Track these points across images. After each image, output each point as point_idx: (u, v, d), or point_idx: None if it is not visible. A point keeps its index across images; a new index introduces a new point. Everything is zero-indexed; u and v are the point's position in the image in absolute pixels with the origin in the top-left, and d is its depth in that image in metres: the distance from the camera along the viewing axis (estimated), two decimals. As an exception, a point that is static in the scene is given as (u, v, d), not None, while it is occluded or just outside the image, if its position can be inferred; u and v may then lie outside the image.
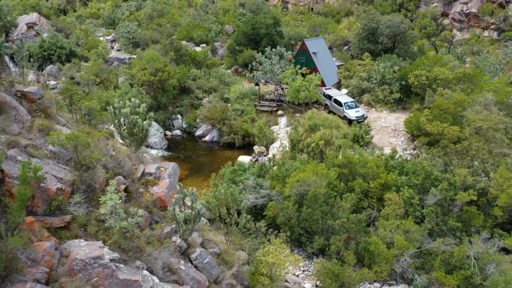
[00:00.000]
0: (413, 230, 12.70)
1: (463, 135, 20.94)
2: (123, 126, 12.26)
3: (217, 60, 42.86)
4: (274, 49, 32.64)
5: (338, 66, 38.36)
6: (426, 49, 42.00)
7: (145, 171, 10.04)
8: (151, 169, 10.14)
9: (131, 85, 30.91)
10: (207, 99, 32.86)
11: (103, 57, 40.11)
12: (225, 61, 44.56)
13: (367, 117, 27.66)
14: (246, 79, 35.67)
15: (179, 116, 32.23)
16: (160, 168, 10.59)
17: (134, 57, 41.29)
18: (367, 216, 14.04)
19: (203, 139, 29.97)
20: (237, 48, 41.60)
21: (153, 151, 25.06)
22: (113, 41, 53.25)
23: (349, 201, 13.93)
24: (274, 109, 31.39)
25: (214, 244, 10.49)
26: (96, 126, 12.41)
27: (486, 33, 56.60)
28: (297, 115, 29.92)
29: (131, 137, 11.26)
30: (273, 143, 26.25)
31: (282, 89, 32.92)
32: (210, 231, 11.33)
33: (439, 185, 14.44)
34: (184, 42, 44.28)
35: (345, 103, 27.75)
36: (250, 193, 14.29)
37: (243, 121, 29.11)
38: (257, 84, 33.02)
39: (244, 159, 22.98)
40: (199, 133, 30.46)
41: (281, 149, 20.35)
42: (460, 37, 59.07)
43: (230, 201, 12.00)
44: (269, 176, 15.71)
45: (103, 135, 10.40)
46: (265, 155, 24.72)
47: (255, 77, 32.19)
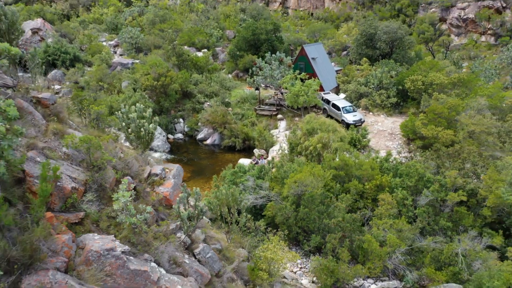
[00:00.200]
0: (405, 229, 13.35)
1: (457, 139, 21.60)
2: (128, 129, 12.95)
3: (218, 65, 43.66)
4: (274, 55, 33.42)
5: (336, 71, 39.10)
6: (423, 54, 42.76)
7: (151, 172, 10.72)
8: (157, 170, 10.82)
9: (135, 90, 31.68)
10: (208, 103, 33.60)
11: (106, 62, 40.93)
12: (226, 66, 45.35)
13: (364, 121, 28.34)
14: (246, 83, 36.45)
15: (181, 120, 32.98)
16: (165, 169, 11.27)
17: (137, 62, 42.10)
18: (362, 216, 14.70)
19: (205, 143, 30.69)
20: (237, 53, 42.41)
21: (156, 154, 25.76)
22: (116, 46, 54.13)
23: (344, 201, 14.59)
24: (273, 113, 32.12)
25: (215, 240, 11.16)
26: (103, 129, 13.14)
27: (483, 38, 57.41)
28: (296, 119, 30.63)
29: (137, 140, 11.95)
30: (272, 146, 26.93)
31: (281, 93, 33.67)
32: (212, 229, 12.00)
33: (431, 187, 15.09)
34: (185, 47, 45.13)
35: (343, 108, 28.45)
36: (250, 193, 14.97)
37: (243, 125, 29.82)
38: (257, 88, 33.78)
39: (244, 162, 23.65)
40: (200, 136, 31.19)
41: (280, 152, 21.03)
42: (457, 42, 59.89)
43: (230, 201, 12.66)
44: (268, 177, 16.39)
45: (111, 138, 11.12)
46: (265, 158, 25.39)
47: (255, 82, 32.95)
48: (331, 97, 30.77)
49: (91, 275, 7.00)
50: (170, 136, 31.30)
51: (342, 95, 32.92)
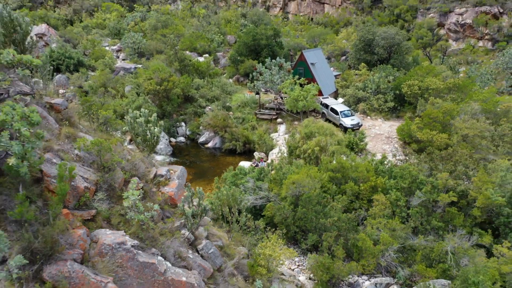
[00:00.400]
0: (398, 228, 13.98)
1: (451, 142, 22.25)
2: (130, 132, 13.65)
3: (219, 70, 44.45)
4: (274, 60, 34.21)
5: (335, 75, 39.85)
6: (420, 59, 43.51)
7: (157, 173, 11.42)
8: (162, 171, 11.51)
9: (138, 94, 32.44)
10: (209, 107, 34.35)
11: (109, 67, 41.73)
12: (227, 71, 46.13)
13: (362, 125, 29.02)
14: (247, 88, 37.22)
15: (183, 123, 33.71)
16: (170, 170, 11.98)
17: (139, 66, 42.91)
18: (357, 216, 15.34)
19: (206, 146, 31.39)
20: (238, 58, 43.20)
21: (158, 157, 26.42)
22: (118, 51, 55.01)
23: (340, 202, 15.25)
24: (273, 117, 32.85)
25: (217, 238, 11.83)
26: (111, 133, 13.87)
27: (480, 43, 58.20)
28: (296, 123, 31.33)
29: (144, 143, 12.67)
30: (272, 149, 27.62)
31: (281, 98, 34.41)
32: (214, 227, 12.65)
33: (423, 188, 15.73)
34: (187, 52, 45.96)
35: (341, 112, 29.15)
36: (250, 194, 15.64)
37: (244, 129, 30.53)
38: (257, 93, 34.53)
39: (245, 165, 24.32)
40: (202, 140, 31.91)
41: (279, 155, 21.70)
42: (455, 47, 60.68)
43: (231, 201, 13.32)
44: (268, 179, 17.05)
45: (119, 141, 11.85)
46: (265, 161, 26.07)
47: (255, 87, 33.72)
48: (330, 101, 31.48)
49: (104, 266, 7.68)
50: (172, 139, 32.02)
51: (340, 100, 33.64)
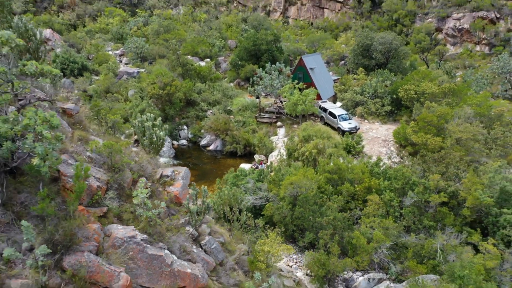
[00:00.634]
0: (391, 227, 14.71)
1: (445, 145, 22.99)
2: (134, 135, 14.46)
3: (220, 74, 45.33)
4: (273, 65, 35.07)
5: (334, 80, 40.68)
6: (417, 64, 44.34)
7: (163, 173, 12.21)
8: (167, 172, 12.30)
9: (142, 98, 33.28)
10: (211, 111, 35.19)
11: (113, 71, 42.63)
12: (228, 75, 47.01)
13: (359, 128, 29.79)
14: (247, 92, 38.05)
15: (185, 127, 34.52)
16: (175, 171, 12.77)
17: (142, 71, 43.81)
18: (352, 215, 16.08)
19: (208, 148, 32.19)
20: (239, 63, 44.08)
21: (162, 159, 27.19)
22: (121, 55, 55.99)
23: (336, 202, 15.99)
24: (273, 121, 33.65)
25: (219, 235, 12.58)
26: (118, 136, 14.69)
27: (478, 47, 59.08)
28: (295, 126, 32.12)
29: (150, 145, 13.45)
30: (272, 152, 28.38)
31: (281, 102, 35.23)
32: (215, 225, 13.40)
33: (416, 189, 16.47)
34: (189, 56, 46.86)
35: (339, 115, 29.92)
36: (250, 194, 16.39)
37: (244, 132, 31.32)
38: (257, 97, 35.37)
39: (245, 167, 25.06)
40: (203, 142, 32.71)
41: (278, 158, 22.46)
42: (453, 51, 61.56)
43: (232, 200, 14.07)
44: (267, 180, 17.80)
45: (128, 143, 12.66)
46: (265, 163, 26.82)
47: (256, 91, 34.57)
48: (328, 105, 32.27)
49: (116, 257, 8.45)
50: (174, 142, 32.82)
51: (338, 104, 34.45)
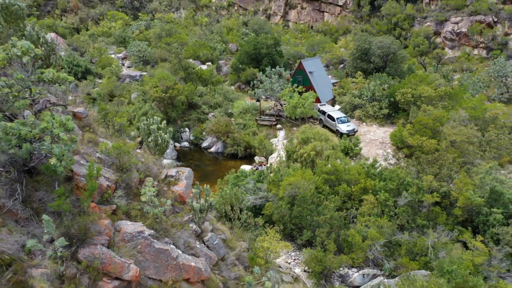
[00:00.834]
0: (385, 225, 15.36)
1: (441, 147, 23.64)
2: (138, 137, 15.19)
3: (221, 77, 46.10)
4: (273, 69, 35.82)
5: (333, 83, 41.40)
6: (415, 67, 45.06)
7: (168, 174, 12.91)
8: (172, 172, 13.00)
9: (145, 101, 34.03)
10: (212, 113, 35.91)
11: (116, 75, 43.40)
12: (228, 78, 47.76)
13: (357, 131, 30.47)
14: (248, 95, 38.80)
15: (187, 129, 35.24)
16: (179, 172, 13.48)
17: (145, 74, 44.59)
18: (348, 214, 16.74)
19: (209, 150, 32.89)
20: (240, 66, 44.84)
21: (165, 161, 27.88)
22: (124, 59, 56.81)
23: (333, 202, 16.65)
24: (273, 123, 34.36)
25: (221, 232, 13.26)
26: (124, 138, 15.42)
27: (476, 51, 59.81)
28: (294, 129, 32.82)
29: (155, 147, 14.16)
30: (272, 154, 29.06)
31: (281, 105, 35.96)
32: (218, 223, 14.07)
33: (410, 189, 17.13)
34: (191, 60, 47.65)
35: (337, 118, 30.62)
36: (250, 194, 17.07)
37: (245, 134, 32.02)
38: (258, 100, 36.11)
39: (246, 168, 25.73)
40: (205, 144, 33.42)
41: (278, 159, 23.14)
42: (451, 55, 62.30)
43: (233, 200, 14.73)
44: (267, 181, 18.47)
45: (135, 145, 13.38)
46: (265, 165, 27.50)
47: (256, 94, 35.31)
48: (327, 108, 32.98)
49: (126, 251, 9.14)
50: (177, 144, 33.54)
51: (337, 107, 35.15)
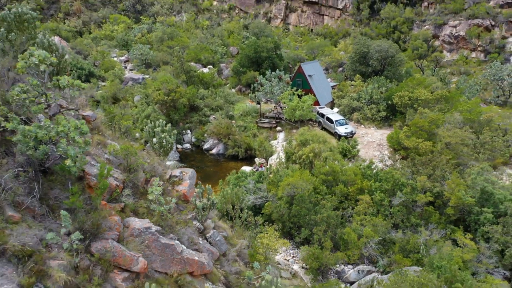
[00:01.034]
0: (380, 224, 16.03)
1: (436, 149, 24.30)
2: (141, 139, 15.91)
3: (222, 80, 46.86)
4: (273, 72, 36.57)
5: (332, 86, 42.12)
6: (413, 71, 45.77)
7: (172, 174, 13.62)
8: (176, 173, 13.71)
9: (147, 104, 34.78)
10: (213, 116, 36.64)
11: (119, 78, 44.19)
12: (229, 81, 48.52)
13: (355, 133, 31.15)
14: (249, 98, 39.54)
15: (188, 131, 35.97)
16: (182, 172, 14.18)
17: (147, 77, 45.35)
18: (345, 213, 17.42)
19: (210, 152, 33.60)
20: (240, 69, 45.60)
21: (167, 162, 28.57)
22: (126, 62, 57.66)
23: (330, 201, 17.33)
24: (273, 126, 35.08)
25: (222, 229, 13.94)
26: (130, 140, 16.15)
27: (473, 54, 60.55)
28: (294, 131, 33.52)
29: (160, 149, 14.86)
30: (272, 155, 29.75)
31: (280, 107, 36.68)
32: (219, 221, 14.76)
33: (404, 190, 17.80)
34: (192, 63, 48.44)
35: (336, 121, 31.31)
36: (250, 194, 17.76)
37: (246, 136, 32.74)
38: (258, 103, 36.85)
39: (246, 169, 26.41)
40: (206, 146, 34.13)
41: (277, 161, 23.84)
42: (450, 58, 63.03)
43: (234, 199, 15.41)
44: (266, 181, 19.16)
45: (142, 147, 14.09)
46: (265, 166, 28.18)
47: (256, 97, 36.06)
48: (326, 111, 33.68)
49: (134, 245, 9.83)
50: (179, 146, 34.25)
51: (336, 109, 35.86)
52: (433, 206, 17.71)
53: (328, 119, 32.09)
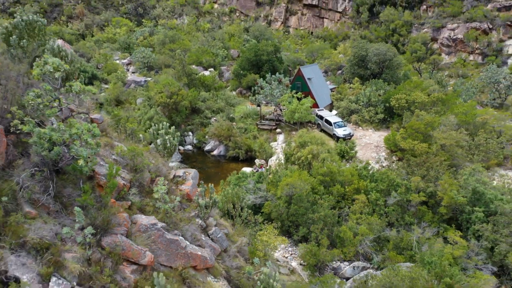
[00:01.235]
0: (375, 223, 16.69)
1: (431, 151, 24.95)
2: (144, 141, 16.51)
3: (223, 83, 47.60)
4: (273, 75, 37.31)
5: (331, 89, 42.83)
6: (411, 73, 46.47)
7: (175, 174, 14.30)
8: (179, 173, 14.40)
9: (150, 106, 35.51)
10: (215, 118, 37.36)
11: (122, 80, 44.93)
12: (230, 84, 49.25)
13: (353, 135, 31.83)
14: (249, 100, 40.26)
15: (190, 133, 36.67)
16: (185, 172, 14.87)
17: (149, 79, 46.10)
18: (342, 212, 18.09)
19: (212, 153, 34.29)
20: (241, 72, 46.34)
21: (170, 164, 29.26)
22: (128, 64, 58.45)
23: (327, 201, 18.00)
24: (273, 128, 35.77)
25: (224, 227, 14.61)
26: (135, 142, 16.82)
27: (471, 57, 61.23)
28: (293, 133, 34.20)
29: (164, 150, 15.55)
30: (272, 157, 30.42)
31: (280, 110, 37.39)
32: (220, 218, 15.43)
33: (399, 190, 18.46)
34: (193, 66, 49.19)
35: (334, 123, 31.99)
36: (250, 194, 18.44)
37: (246, 138, 33.42)
38: (258, 105, 37.57)
39: (246, 170, 27.07)
40: (208, 148, 34.83)
41: (277, 162, 24.51)
42: (448, 60, 63.72)
43: (235, 198, 16.08)
44: (266, 181, 19.83)
45: (147, 149, 14.79)
46: (265, 167, 28.85)
47: (257, 99, 36.78)
48: (324, 113, 34.38)
49: (142, 240, 10.50)
50: (180, 147, 34.95)
51: (334, 112, 36.56)
52: (426, 205, 18.36)
53: (326, 121, 32.76)
